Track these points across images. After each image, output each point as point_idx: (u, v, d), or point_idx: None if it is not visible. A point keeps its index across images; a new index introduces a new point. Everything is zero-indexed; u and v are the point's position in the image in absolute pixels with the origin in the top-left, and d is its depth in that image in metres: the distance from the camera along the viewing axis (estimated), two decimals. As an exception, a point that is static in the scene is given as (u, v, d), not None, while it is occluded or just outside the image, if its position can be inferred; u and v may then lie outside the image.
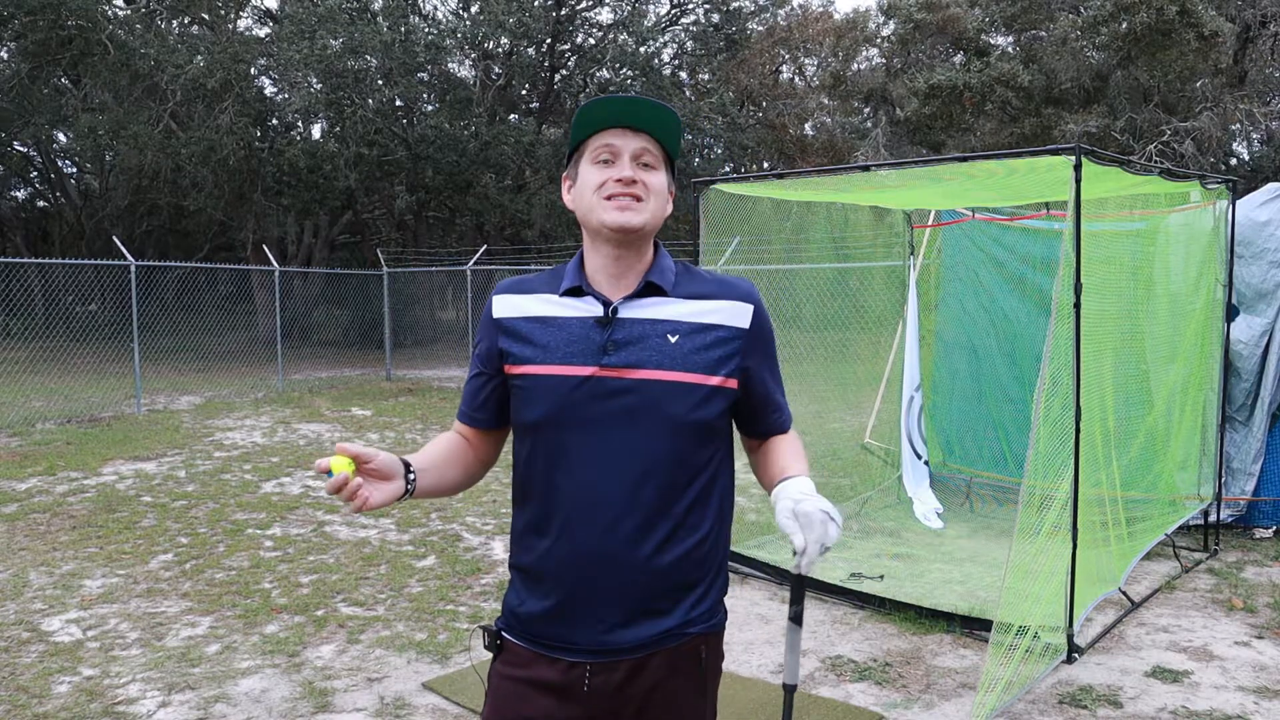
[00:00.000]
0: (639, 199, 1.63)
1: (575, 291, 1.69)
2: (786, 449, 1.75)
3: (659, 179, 1.67)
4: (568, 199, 1.72)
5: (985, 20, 23.30)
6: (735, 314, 1.69)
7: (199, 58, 18.16)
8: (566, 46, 23.65)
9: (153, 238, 27.42)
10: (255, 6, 22.36)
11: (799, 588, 1.61)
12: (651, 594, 1.64)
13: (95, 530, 6.42)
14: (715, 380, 1.65)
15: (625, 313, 1.66)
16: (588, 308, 1.67)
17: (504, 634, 1.74)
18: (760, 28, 27.81)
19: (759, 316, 1.71)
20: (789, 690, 1.61)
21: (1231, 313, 6.00)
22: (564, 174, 1.73)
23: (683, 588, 1.67)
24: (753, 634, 4.58)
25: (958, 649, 4.39)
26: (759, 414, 1.76)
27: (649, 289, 1.67)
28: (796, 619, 1.62)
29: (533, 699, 1.68)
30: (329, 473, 1.54)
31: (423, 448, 1.75)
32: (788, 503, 1.55)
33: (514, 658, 1.72)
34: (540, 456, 1.67)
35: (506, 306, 1.73)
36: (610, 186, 1.62)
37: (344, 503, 1.58)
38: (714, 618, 1.72)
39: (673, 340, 1.64)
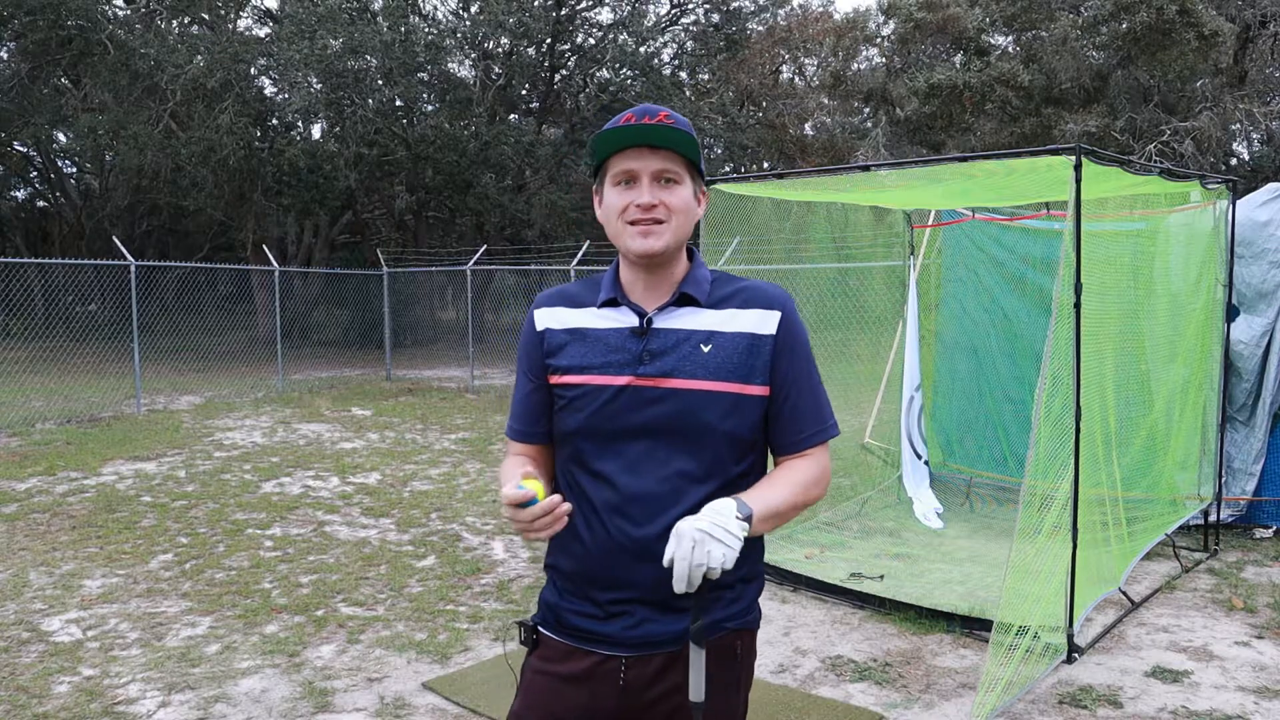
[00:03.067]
0: (660, 221, 1.66)
1: (612, 303, 1.73)
2: (777, 475, 1.71)
3: (681, 195, 1.68)
4: (599, 214, 1.76)
5: (985, 20, 23.28)
6: (764, 321, 1.70)
7: (199, 58, 18.14)
8: (566, 46, 23.63)
9: (153, 238, 27.41)
10: (255, 6, 22.36)
11: (696, 606, 1.57)
12: (687, 594, 1.66)
13: (95, 530, 6.42)
14: (748, 389, 1.68)
15: (660, 323, 1.69)
16: (624, 318, 1.71)
17: (540, 629, 1.79)
18: (760, 28, 27.79)
19: (786, 322, 1.71)
20: (695, 708, 1.61)
21: (1232, 313, 6.00)
22: (594, 188, 1.76)
23: (719, 586, 1.69)
24: (753, 634, 4.58)
25: (958, 649, 4.39)
26: (781, 426, 1.72)
27: (683, 299, 1.71)
28: (694, 638, 1.58)
29: (566, 693, 1.72)
30: (531, 500, 1.56)
31: (511, 472, 1.73)
32: (683, 520, 1.54)
33: (549, 652, 1.76)
34: (579, 463, 1.71)
35: (547, 318, 1.77)
36: (632, 212, 1.66)
37: (529, 534, 1.58)
38: (749, 615, 1.77)
39: (706, 349, 1.67)
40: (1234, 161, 22.54)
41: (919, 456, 6.95)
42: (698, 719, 1.62)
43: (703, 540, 1.51)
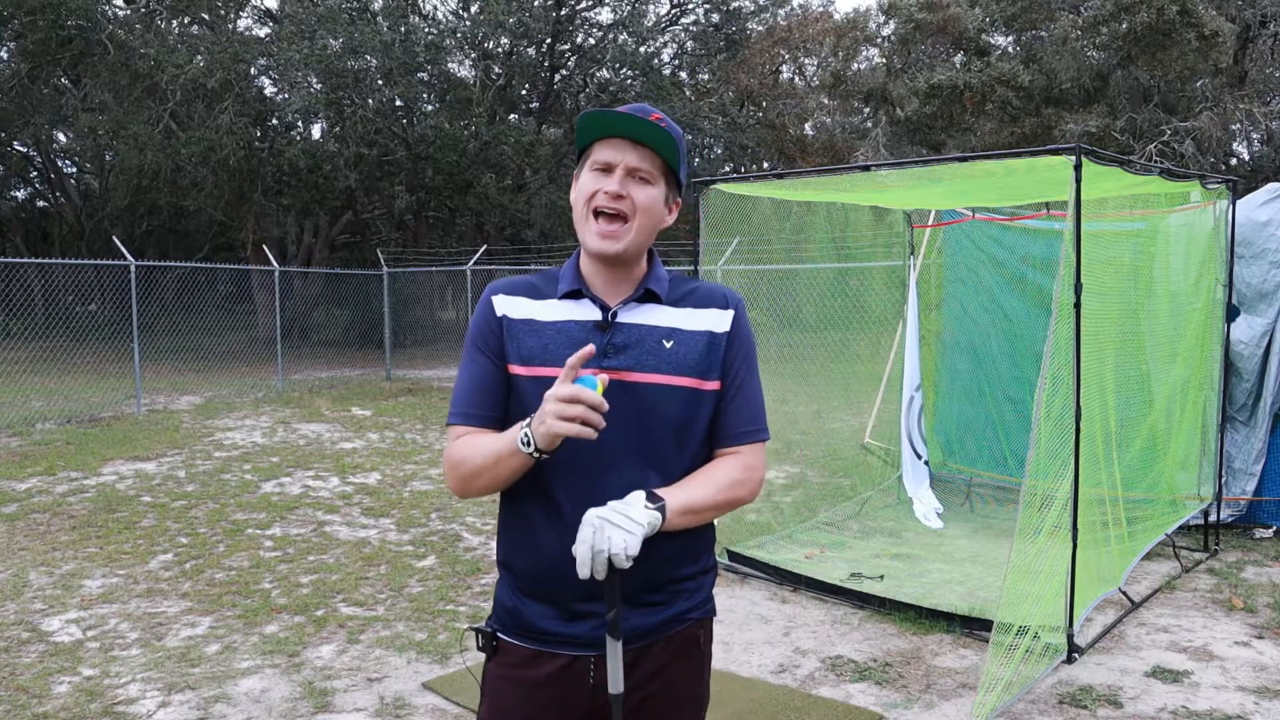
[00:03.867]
0: (625, 220, 1.66)
1: (574, 295, 1.72)
2: (703, 471, 1.71)
3: (651, 194, 1.68)
4: (571, 196, 1.76)
5: (985, 20, 23.29)
6: (720, 320, 1.74)
7: (199, 58, 18.14)
8: (566, 46, 23.63)
9: (153, 238, 27.40)
10: (255, 6, 22.36)
11: (608, 597, 1.57)
12: (649, 587, 1.69)
13: (95, 530, 6.42)
14: (706, 384, 1.71)
15: (624, 317, 1.70)
16: (586, 311, 1.71)
17: (500, 634, 1.75)
18: (760, 28, 27.81)
19: (738, 323, 1.75)
20: (615, 700, 1.62)
21: (1232, 313, 6.00)
22: (575, 172, 1.76)
23: (679, 579, 1.73)
24: (753, 634, 4.58)
25: (958, 649, 4.39)
26: (720, 420, 1.74)
27: (647, 295, 1.72)
28: (610, 630, 1.59)
29: (534, 697, 1.71)
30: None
31: (482, 440, 1.66)
32: (591, 509, 1.55)
33: (512, 657, 1.73)
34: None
35: (505, 306, 1.75)
36: (599, 199, 1.66)
37: (565, 419, 1.50)
38: (708, 605, 1.81)
39: (668, 345, 1.69)
40: (1234, 161, 22.54)
41: (919, 456, 6.95)
42: (617, 711, 1.62)
43: (602, 526, 1.52)
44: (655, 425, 1.67)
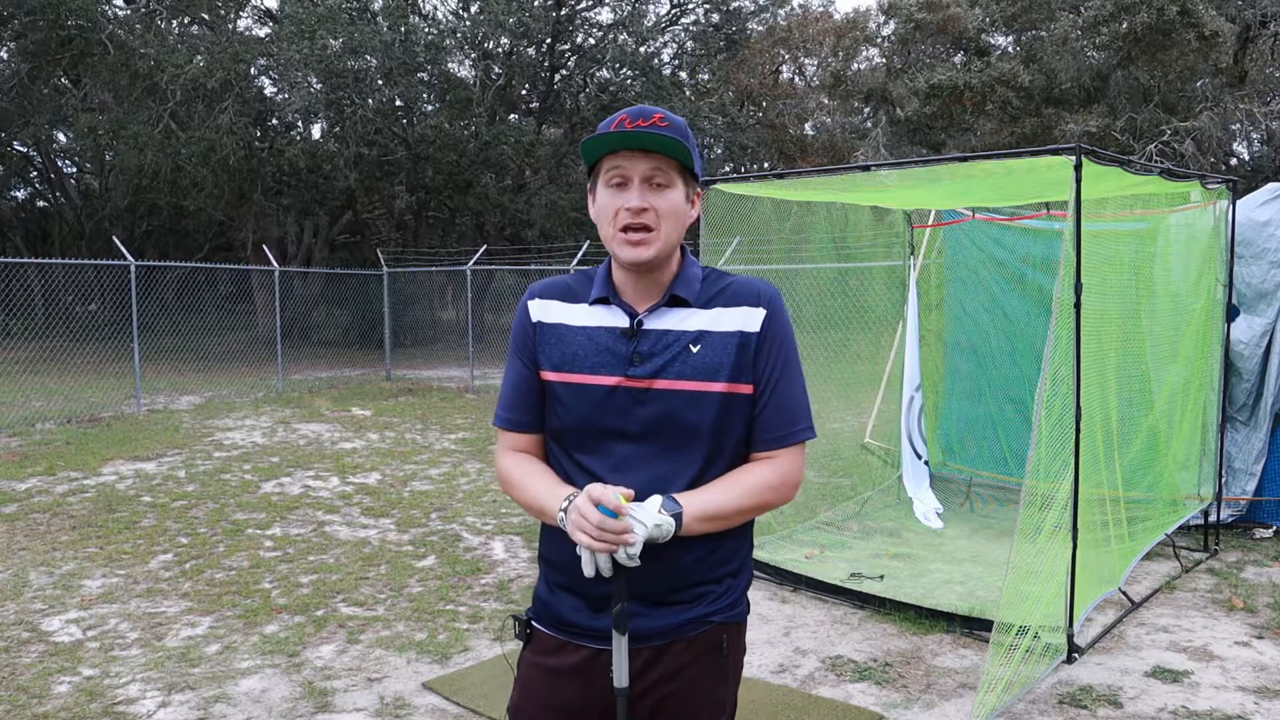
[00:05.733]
0: (650, 229, 1.66)
1: (603, 301, 1.74)
2: (732, 476, 1.71)
3: (671, 199, 1.68)
4: (592, 212, 1.76)
5: (985, 20, 23.30)
6: (750, 318, 1.72)
7: (199, 58, 18.13)
8: (566, 46, 23.62)
9: (153, 238, 27.39)
10: (255, 6, 22.35)
11: (615, 591, 1.63)
12: (673, 588, 1.70)
13: (95, 530, 6.42)
14: (738, 387, 1.70)
15: (650, 324, 1.71)
16: (614, 318, 1.73)
17: (534, 623, 1.82)
18: (760, 28, 27.80)
19: (770, 320, 1.72)
20: (619, 693, 1.66)
21: (1232, 313, 6.00)
22: (589, 186, 1.77)
23: (705, 583, 1.73)
24: (752, 634, 4.58)
25: (958, 649, 4.39)
26: (755, 423, 1.73)
27: (673, 300, 1.72)
28: (615, 624, 1.63)
29: (558, 685, 1.76)
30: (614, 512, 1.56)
31: (533, 479, 1.75)
32: None
33: (542, 645, 1.79)
34: (569, 459, 1.73)
35: (540, 311, 1.79)
36: (623, 216, 1.66)
37: (609, 542, 1.58)
38: (736, 609, 1.78)
39: (695, 350, 1.69)
40: (1234, 161, 22.54)
41: (919, 456, 6.95)
42: (622, 705, 1.65)
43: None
44: (685, 431, 1.68)
